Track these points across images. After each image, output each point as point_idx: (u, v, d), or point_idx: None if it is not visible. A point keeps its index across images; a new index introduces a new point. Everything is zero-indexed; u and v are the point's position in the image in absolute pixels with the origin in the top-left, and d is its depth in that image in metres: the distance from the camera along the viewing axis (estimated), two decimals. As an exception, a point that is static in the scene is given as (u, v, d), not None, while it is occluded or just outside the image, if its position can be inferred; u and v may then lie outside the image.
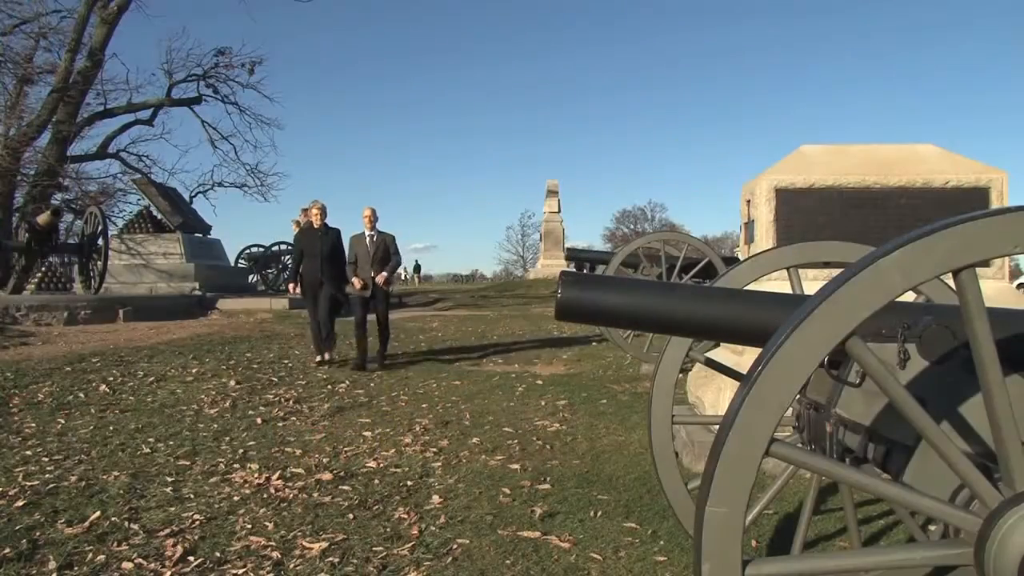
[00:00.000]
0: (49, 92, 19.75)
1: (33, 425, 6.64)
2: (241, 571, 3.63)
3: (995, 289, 5.23)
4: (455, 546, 3.92)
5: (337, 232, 10.01)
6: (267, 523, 4.27)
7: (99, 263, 15.92)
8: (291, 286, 10.27)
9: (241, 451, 5.90)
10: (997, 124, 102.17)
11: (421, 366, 10.16)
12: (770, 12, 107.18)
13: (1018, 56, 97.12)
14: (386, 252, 9.71)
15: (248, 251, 25.65)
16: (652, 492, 4.66)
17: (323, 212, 9.81)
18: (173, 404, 7.63)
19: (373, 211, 9.73)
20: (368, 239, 9.67)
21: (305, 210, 19.39)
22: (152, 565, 3.71)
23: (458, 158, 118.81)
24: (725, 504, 1.42)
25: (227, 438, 6.32)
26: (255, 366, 9.72)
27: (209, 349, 10.76)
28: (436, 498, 4.69)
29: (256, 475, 5.21)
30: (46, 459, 5.60)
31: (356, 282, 9.50)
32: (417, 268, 55.05)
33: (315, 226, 9.85)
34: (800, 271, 3.26)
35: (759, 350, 1.49)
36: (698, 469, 4.84)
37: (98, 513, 4.39)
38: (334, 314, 9.87)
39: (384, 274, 9.63)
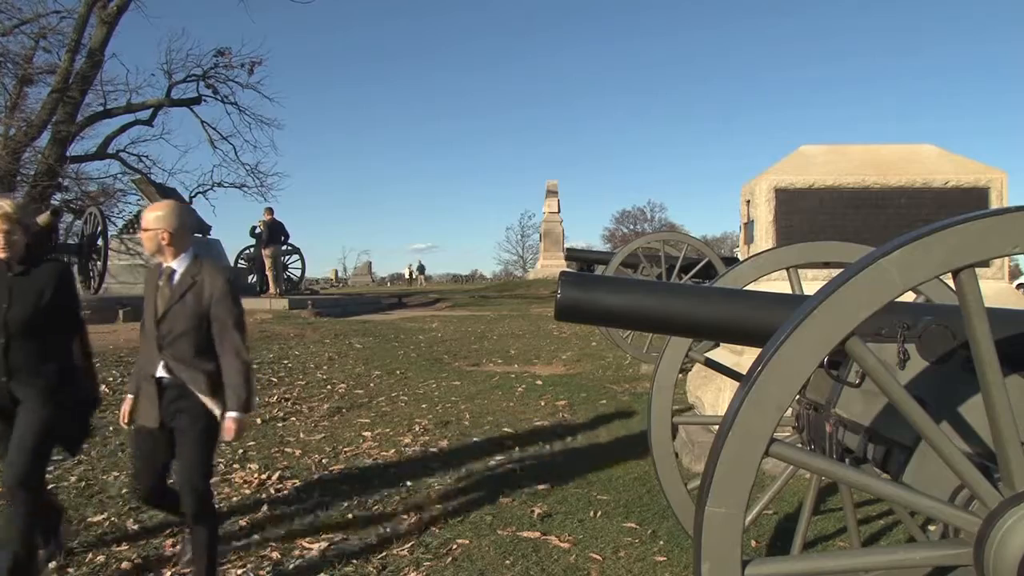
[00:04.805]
0: (49, 92, 19.73)
1: (33, 425, 6.63)
2: (241, 571, 3.63)
3: (995, 289, 5.24)
4: (455, 546, 3.92)
5: (60, 269, 3.75)
6: (267, 523, 4.27)
7: (99, 263, 15.92)
8: None
9: (241, 451, 5.89)
10: (997, 124, 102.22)
11: (421, 366, 10.16)
12: (770, 11, 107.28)
13: (1018, 56, 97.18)
14: (199, 315, 3.37)
15: (247, 252, 25.65)
16: (652, 492, 4.66)
17: (11, 221, 3.50)
18: (173, 404, 7.63)
19: (172, 211, 3.48)
20: (164, 278, 3.44)
21: (269, 208, 18.75)
22: (152, 565, 3.71)
23: (458, 158, 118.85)
24: (725, 504, 1.42)
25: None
26: (255, 366, 9.66)
27: (209, 349, 10.75)
28: (436, 498, 4.69)
29: (256, 475, 5.21)
30: (46, 459, 5.59)
31: (123, 410, 3.58)
32: (421, 269, 55.27)
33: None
34: (800, 271, 3.27)
35: (759, 350, 1.50)
36: (698, 469, 4.84)
37: (98, 513, 4.39)
38: (43, 466, 3.51)
39: (234, 417, 3.30)
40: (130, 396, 3.54)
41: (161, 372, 3.38)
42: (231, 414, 3.31)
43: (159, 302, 3.41)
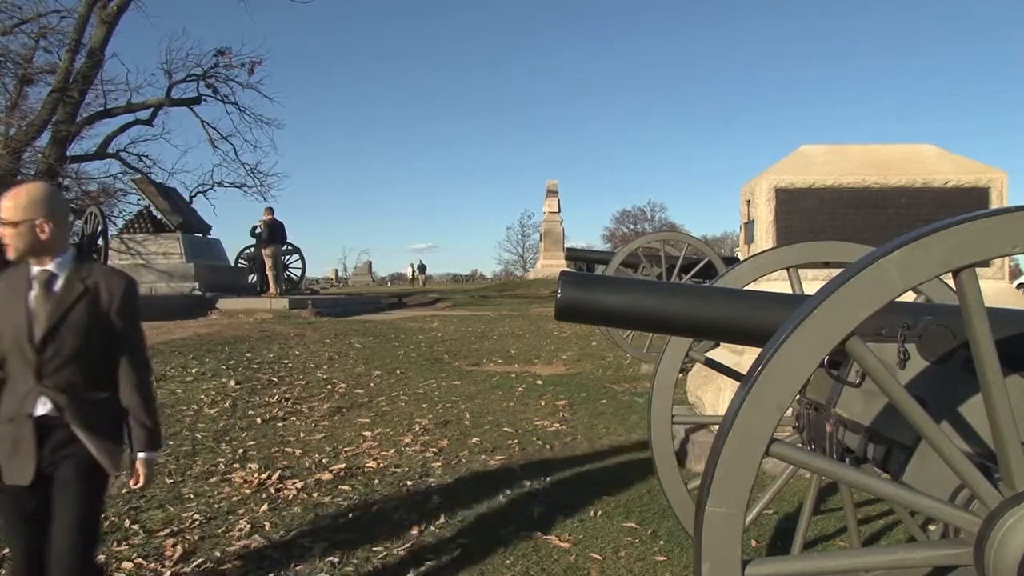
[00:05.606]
0: (49, 92, 19.73)
1: (33, 425, 6.63)
2: (241, 571, 3.63)
3: (995, 289, 5.23)
4: (455, 546, 3.92)
5: None
6: (267, 523, 4.27)
7: (99, 263, 15.94)
8: None
9: (241, 451, 5.89)
10: (997, 124, 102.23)
11: (421, 366, 10.15)
12: (770, 11, 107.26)
13: (1018, 56, 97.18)
14: (93, 332, 2.57)
15: (247, 251, 25.68)
16: (652, 492, 4.66)
17: None
18: (173, 404, 7.62)
19: (47, 194, 2.59)
20: (40, 286, 2.57)
21: (270, 208, 18.84)
22: (152, 565, 3.71)
23: (458, 158, 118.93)
24: (725, 504, 1.42)
25: (227, 438, 6.31)
26: (255, 366, 9.70)
27: (209, 349, 10.74)
28: (436, 498, 4.69)
29: (256, 475, 5.21)
30: (46, 459, 5.60)
31: None
32: (423, 268, 55.19)
33: None
34: (800, 271, 3.27)
35: (759, 350, 1.50)
36: (698, 469, 4.84)
37: (98, 513, 4.38)
38: None
39: (143, 458, 2.72)
40: None
41: (42, 409, 2.53)
42: (141, 454, 2.65)
43: (39, 317, 2.52)
